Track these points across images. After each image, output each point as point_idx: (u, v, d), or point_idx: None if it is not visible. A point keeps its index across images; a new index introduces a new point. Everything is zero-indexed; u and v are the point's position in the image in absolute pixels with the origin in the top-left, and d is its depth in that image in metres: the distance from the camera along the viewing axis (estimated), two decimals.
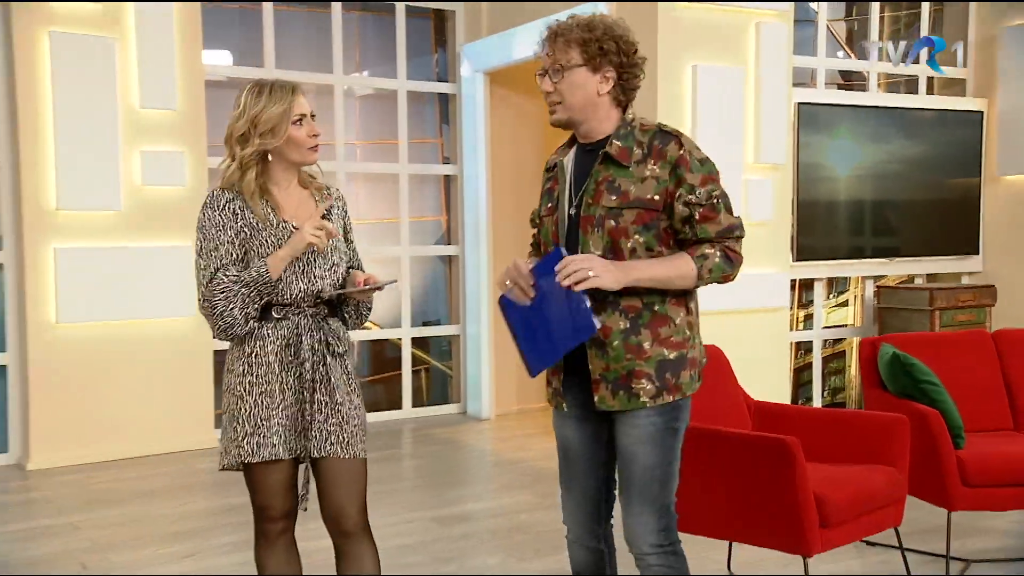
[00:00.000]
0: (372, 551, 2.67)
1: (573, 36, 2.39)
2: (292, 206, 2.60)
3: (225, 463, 2.57)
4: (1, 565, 3.94)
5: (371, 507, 4.54)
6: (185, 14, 5.83)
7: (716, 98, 5.59)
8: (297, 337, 2.55)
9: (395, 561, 3.88)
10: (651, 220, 2.38)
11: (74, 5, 5.51)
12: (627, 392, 2.40)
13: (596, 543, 2.67)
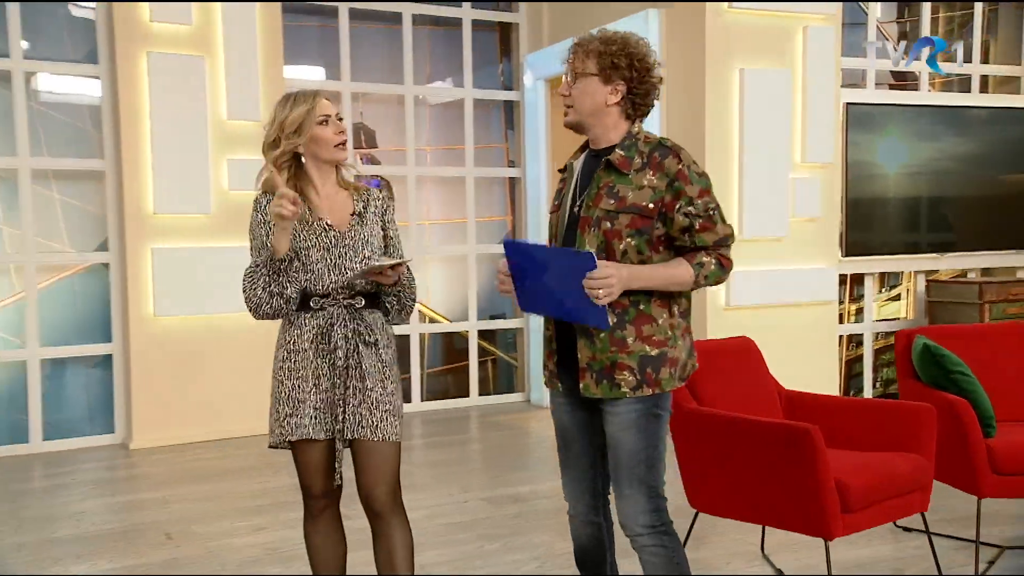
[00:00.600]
0: (403, 530, 2.69)
1: (592, 48, 2.49)
2: (328, 206, 2.65)
3: (271, 441, 2.65)
4: (97, 533, 4.16)
5: (431, 487, 4.74)
6: (267, 33, 6.00)
7: (763, 101, 5.55)
8: (330, 326, 2.59)
9: (443, 538, 3.99)
10: (644, 226, 2.45)
11: (169, 27, 5.73)
12: (610, 382, 2.47)
13: (596, 517, 2.75)
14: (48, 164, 5.84)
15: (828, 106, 5.80)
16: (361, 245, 2.64)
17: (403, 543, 2.68)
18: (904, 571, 3.61)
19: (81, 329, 5.98)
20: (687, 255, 2.48)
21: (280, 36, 6.07)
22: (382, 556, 2.67)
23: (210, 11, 5.83)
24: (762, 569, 3.63)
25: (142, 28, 5.69)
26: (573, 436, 2.67)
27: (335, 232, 2.62)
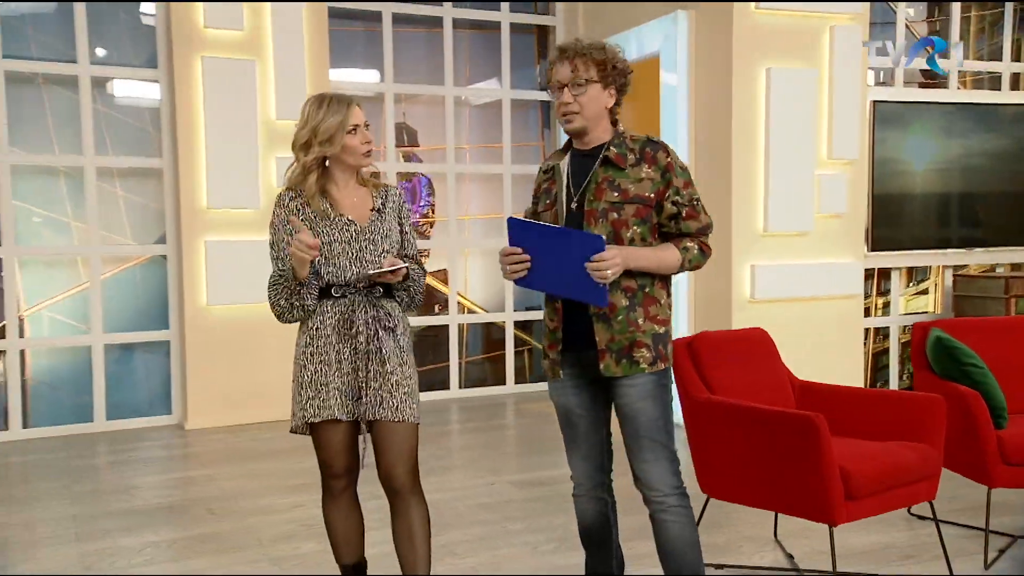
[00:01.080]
0: (421, 508, 2.70)
1: (593, 57, 2.56)
2: (349, 202, 2.70)
3: (292, 426, 2.69)
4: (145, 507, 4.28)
5: (462, 470, 4.78)
6: (314, 37, 6.07)
7: (789, 99, 5.47)
8: (351, 313, 2.63)
9: (470, 518, 4.03)
10: (646, 215, 2.58)
11: (222, 33, 5.84)
12: (629, 360, 2.56)
13: (602, 494, 2.80)
14: (112, 163, 5.99)
15: (854, 104, 5.70)
16: (380, 239, 2.69)
17: (421, 520, 2.70)
18: (915, 558, 3.55)
19: (141, 316, 6.13)
20: (673, 240, 2.61)
21: (326, 40, 6.15)
22: (402, 533, 2.69)
23: (260, 17, 5.93)
24: (774, 554, 3.61)
25: (197, 34, 5.81)
26: (578, 416, 2.71)
27: (356, 227, 2.66)
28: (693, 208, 2.60)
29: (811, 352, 5.60)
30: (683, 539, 2.63)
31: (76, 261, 5.97)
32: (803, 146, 5.53)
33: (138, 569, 3.46)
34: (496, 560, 3.50)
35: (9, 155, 5.73)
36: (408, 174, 6.90)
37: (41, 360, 5.95)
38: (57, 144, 5.91)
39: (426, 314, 6.88)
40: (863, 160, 5.83)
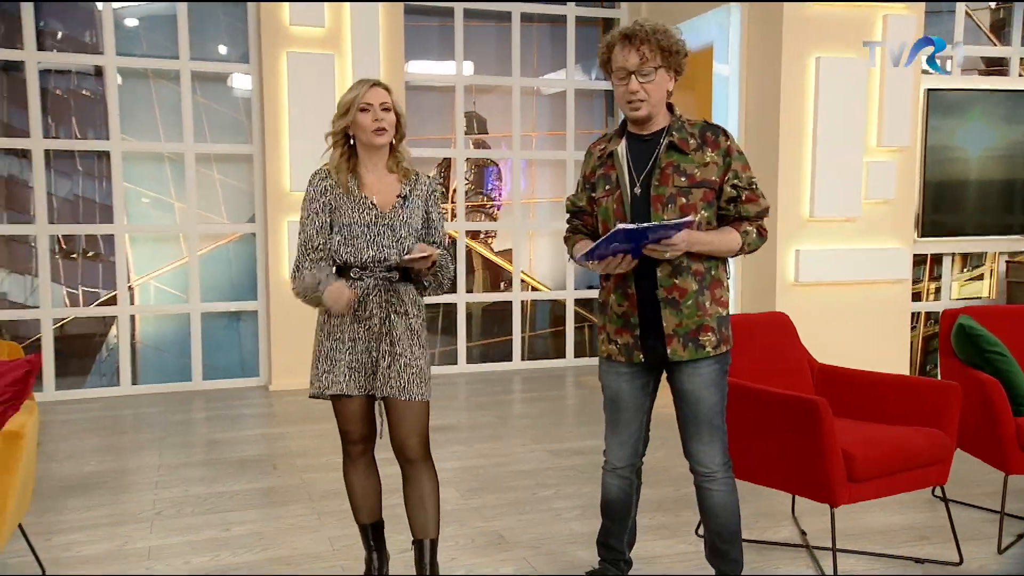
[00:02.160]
0: (431, 476, 2.69)
1: (658, 42, 2.42)
2: (375, 185, 2.64)
3: (311, 392, 2.70)
4: (220, 460, 4.43)
5: (507, 438, 4.81)
6: (389, 33, 6.11)
7: (838, 87, 5.24)
8: (366, 296, 2.59)
9: (504, 483, 4.03)
10: (712, 198, 2.49)
11: (305, 29, 5.93)
12: (695, 344, 2.50)
13: (630, 475, 2.76)
14: (209, 149, 6.17)
15: (906, 92, 5.41)
16: (400, 225, 2.62)
17: (431, 487, 2.70)
18: (929, 539, 3.39)
19: (234, 288, 6.31)
20: (733, 224, 2.51)
21: (401, 35, 6.18)
22: (413, 499, 2.69)
23: (340, 15, 6.00)
24: (789, 530, 3.50)
25: (283, 31, 5.92)
26: (627, 402, 2.65)
27: (377, 211, 2.61)
28: (752, 192, 2.50)
29: (856, 335, 5.39)
30: (725, 506, 2.62)
31: (178, 237, 6.20)
32: (851, 133, 5.29)
33: (198, 517, 3.59)
34: (519, 524, 3.49)
35: (121, 143, 5.99)
36: (477, 160, 6.90)
37: (148, 325, 6.22)
38: (163, 132, 6.13)
39: (492, 291, 6.91)
40: (914, 147, 5.54)
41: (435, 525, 2.70)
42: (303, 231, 2.66)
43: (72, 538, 3.37)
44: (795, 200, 5.26)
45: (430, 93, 6.68)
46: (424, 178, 2.76)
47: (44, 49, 5.86)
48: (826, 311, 5.35)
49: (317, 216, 2.63)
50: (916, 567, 3.16)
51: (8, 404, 2.62)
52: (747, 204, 2.50)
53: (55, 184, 5.97)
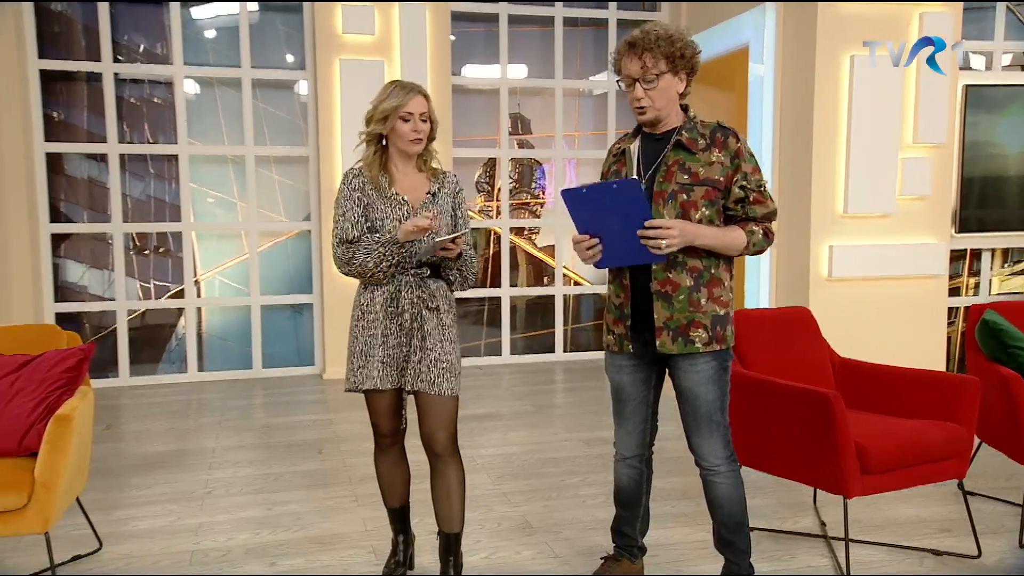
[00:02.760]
0: (458, 468, 2.68)
1: (661, 50, 2.39)
2: (406, 184, 2.64)
3: (346, 387, 2.68)
4: (270, 444, 4.52)
5: (542, 427, 4.81)
6: (437, 39, 6.13)
7: (873, 85, 5.07)
8: (398, 292, 2.58)
9: (533, 470, 4.03)
10: (715, 197, 2.45)
11: (357, 37, 6.00)
12: (684, 339, 2.45)
13: (639, 464, 2.74)
14: (268, 151, 6.30)
15: (943, 89, 5.22)
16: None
17: (458, 481, 2.68)
18: (950, 532, 3.30)
19: (291, 282, 6.43)
20: (739, 223, 2.47)
21: (448, 41, 6.20)
22: (440, 491, 2.68)
23: (390, 22, 6.06)
24: (809, 520, 3.44)
25: (336, 39, 6.01)
26: (629, 394, 2.64)
27: (409, 207, 2.60)
28: (760, 194, 2.46)
29: (891, 330, 5.25)
30: (729, 497, 2.58)
31: (240, 234, 6.35)
32: (886, 130, 5.13)
33: (245, 497, 3.69)
34: (544, 510, 3.51)
35: (188, 147, 6.16)
36: (521, 159, 6.90)
37: (213, 316, 6.39)
38: (226, 136, 6.28)
39: (535, 285, 6.91)
40: (951, 143, 5.35)
41: (460, 520, 2.69)
42: (338, 226, 2.63)
43: (130, 513, 3.50)
44: (828, 196, 5.13)
45: (476, 96, 6.70)
46: (450, 176, 2.75)
47: (120, 61, 6.05)
48: (860, 306, 5.22)
49: (352, 211, 2.60)
50: (934, 559, 3.07)
51: (63, 389, 2.73)
52: (755, 205, 2.46)
53: (129, 185, 6.17)
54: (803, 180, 5.17)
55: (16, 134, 5.71)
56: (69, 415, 2.54)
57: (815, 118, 5.10)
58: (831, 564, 3.02)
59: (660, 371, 2.64)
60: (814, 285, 5.16)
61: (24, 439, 2.64)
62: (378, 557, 3.01)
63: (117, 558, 3.05)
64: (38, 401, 2.67)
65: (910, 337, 5.29)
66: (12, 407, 2.68)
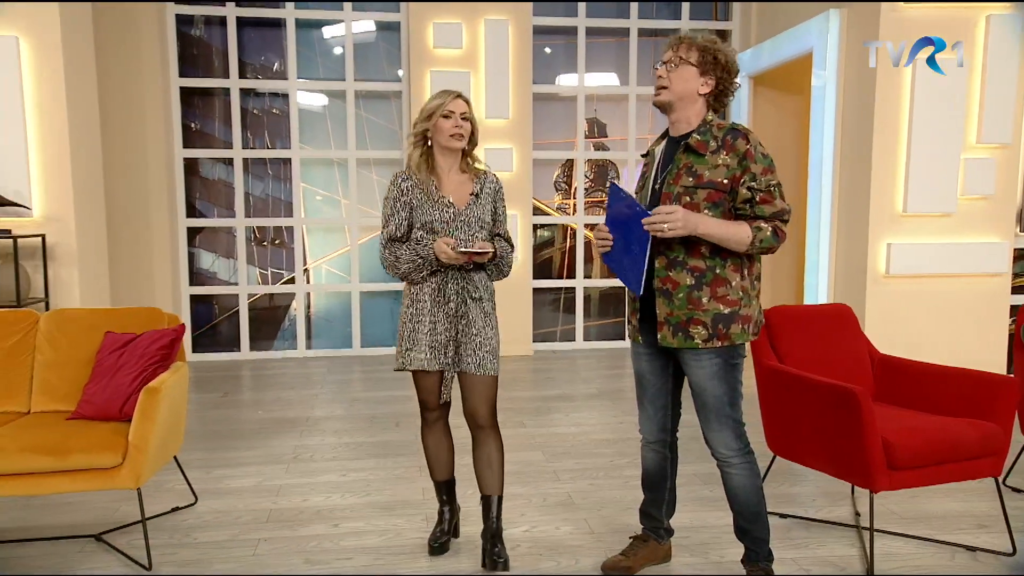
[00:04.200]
0: (497, 440, 2.68)
1: (697, 43, 2.31)
2: (451, 185, 2.62)
3: (395, 367, 2.71)
4: (352, 416, 4.61)
5: (599, 410, 4.71)
6: (518, 52, 6.09)
7: (935, 87, 4.71)
8: (444, 284, 2.59)
9: (585, 450, 3.96)
10: (719, 199, 2.31)
11: (446, 51, 6.03)
12: (684, 334, 2.34)
13: (663, 448, 2.65)
14: (368, 155, 6.42)
15: (1010, 90, 4.79)
16: (474, 221, 2.62)
17: (497, 450, 2.68)
18: (987, 528, 3.04)
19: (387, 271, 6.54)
20: (748, 220, 2.31)
21: (530, 53, 6.14)
22: (481, 460, 2.69)
23: (476, 37, 6.05)
24: (844, 509, 3.24)
25: (428, 52, 6.05)
26: (649, 381, 2.55)
27: (454, 209, 2.59)
28: (769, 193, 2.28)
29: (951, 327, 4.89)
30: (744, 487, 2.45)
31: (343, 228, 6.50)
32: (948, 131, 4.76)
33: (324, 463, 3.77)
34: (589, 488, 3.43)
35: (300, 151, 6.34)
36: (597, 160, 6.77)
37: (320, 300, 6.58)
38: (332, 141, 6.44)
39: (608, 277, 6.79)
40: (1017, 143, 4.90)
41: (500, 483, 2.69)
42: (386, 226, 2.64)
43: (225, 472, 3.64)
44: (888, 196, 4.81)
45: (555, 102, 6.62)
46: (492, 176, 2.71)
47: (245, 77, 6.29)
48: (918, 303, 4.88)
49: (398, 213, 2.61)
50: (966, 555, 2.83)
51: (158, 365, 2.85)
52: (761, 205, 2.29)
53: (251, 185, 6.42)
54: (862, 180, 4.86)
55: (159, 142, 6.02)
56: (158, 387, 2.65)
57: (875, 119, 4.78)
58: (860, 554, 2.83)
59: (678, 362, 2.53)
60: (871, 282, 4.85)
61: (124, 406, 2.77)
62: (429, 524, 3.02)
63: (207, 512, 3.17)
64: (136, 374, 2.80)
65: (971, 334, 4.91)
66: (116, 379, 2.82)
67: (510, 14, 6.05)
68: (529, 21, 6.12)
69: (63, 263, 4.63)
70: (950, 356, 4.72)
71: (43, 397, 3.05)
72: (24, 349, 3.10)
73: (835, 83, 5.06)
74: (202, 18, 6.21)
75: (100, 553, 2.81)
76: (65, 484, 2.60)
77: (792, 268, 6.18)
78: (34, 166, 4.58)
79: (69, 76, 4.63)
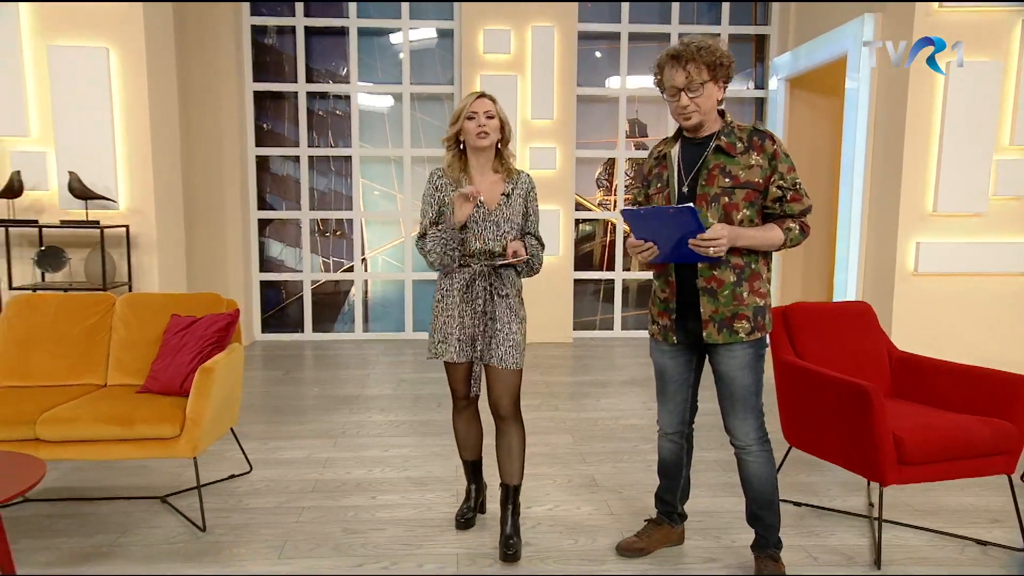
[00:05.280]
0: (519, 430, 2.63)
1: (703, 60, 2.23)
2: (483, 185, 2.55)
3: (427, 356, 2.66)
4: (398, 395, 4.65)
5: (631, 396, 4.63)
6: (563, 56, 6.03)
7: (969, 89, 4.48)
8: (473, 280, 2.54)
9: (613, 434, 3.91)
10: (755, 198, 2.28)
11: (495, 56, 6.01)
12: (729, 330, 2.31)
13: (680, 440, 2.59)
14: (422, 152, 6.45)
15: None
16: (503, 221, 2.54)
17: (519, 440, 2.63)
18: (1001, 523, 2.90)
19: None
20: (777, 221, 2.29)
21: (573, 59, 6.07)
22: (503, 448, 2.64)
23: (524, 43, 6.01)
24: (858, 499, 3.13)
25: (478, 58, 6.03)
26: (671, 377, 2.50)
27: (484, 209, 2.52)
28: (796, 192, 2.26)
29: (979, 324, 4.67)
30: (760, 475, 2.40)
31: (398, 221, 6.56)
32: (981, 133, 4.52)
33: (369, 439, 3.81)
34: (613, 471, 3.39)
35: (360, 149, 6.42)
36: (637, 159, 6.66)
37: (376, 287, 6.66)
38: (389, 140, 6.49)
39: (646, 270, 6.69)
40: None
41: (519, 473, 2.64)
42: (422, 220, 2.59)
43: (279, 444, 3.72)
44: (918, 196, 4.60)
45: (598, 103, 6.53)
46: (524, 176, 2.63)
47: (311, 81, 6.39)
48: (946, 300, 4.66)
49: (431, 209, 2.57)
50: (977, 549, 2.70)
51: (214, 346, 2.93)
52: (791, 203, 2.27)
53: (315, 180, 6.53)
54: (893, 180, 4.67)
55: (234, 141, 6.17)
56: (212, 368, 2.72)
57: (907, 121, 4.57)
58: (870, 545, 2.73)
59: (700, 357, 2.48)
60: (899, 279, 4.66)
61: (184, 383, 2.86)
62: (459, 500, 3.03)
63: (260, 480, 3.25)
64: (195, 354, 2.89)
65: (999, 333, 4.68)
66: (178, 357, 2.91)
67: (556, 21, 5.99)
68: (574, 27, 6.05)
69: (144, 251, 4.80)
70: (977, 354, 4.51)
71: (117, 372, 3.17)
72: (102, 328, 3.22)
73: (868, 85, 4.86)
74: (274, 28, 6.32)
75: (164, 513, 2.91)
76: (131, 451, 2.70)
77: (823, 265, 5.99)
78: (120, 164, 4.74)
79: (151, 83, 4.77)
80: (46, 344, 3.16)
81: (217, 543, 2.67)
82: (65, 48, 4.60)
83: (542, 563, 2.55)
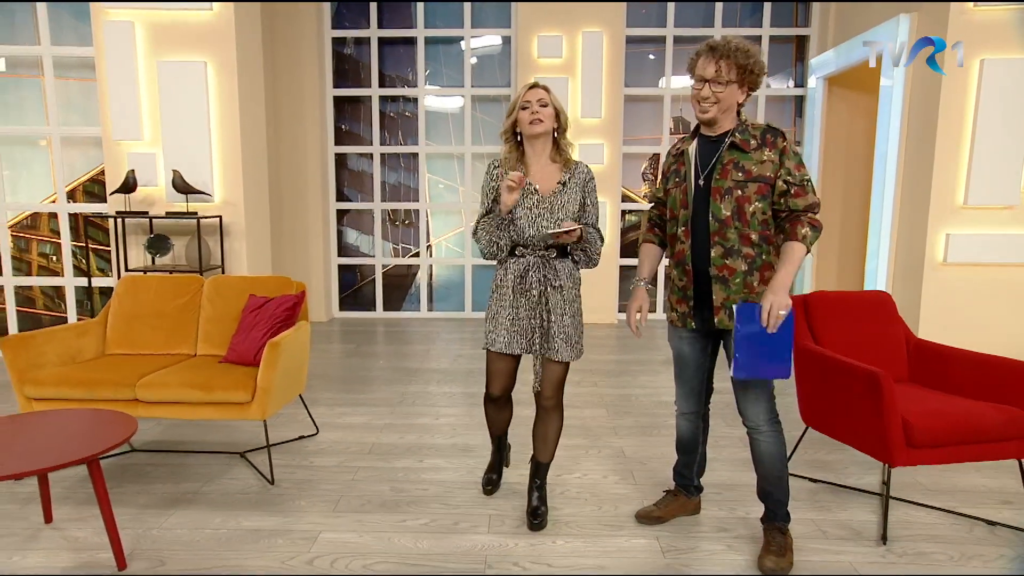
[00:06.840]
0: (558, 419, 2.54)
1: (736, 60, 2.15)
2: (539, 174, 2.42)
3: (484, 346, 2.55)
4: (451, 370, 4.69)
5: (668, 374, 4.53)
6: (611, 59, 5.91)
7: (1002, 86, 4.18)
8: (527, 271, 2.41)
9: (643, 410, 3.85)
10: (766, 192, 2.21)
11: (548, 60, 5.94)
12: None
13: (697, 419, 2.55)
14: (481, 149, 6.46)
15: None
16: (558, 208, 2.37)
17: (556, 428, 2.55)
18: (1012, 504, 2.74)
19: None
20: (791, 232, 2.18)
21: (622, 61, 5.95)
22: (539, 432, 2.56)
23: (575, 47, 5.92)
24: (873, 478, 3.00)
25: (533, 62, 5.98)
26: (688, 361, 2.45)
27: (538, 196, 2.38)
28: (802, 187, 2.17)
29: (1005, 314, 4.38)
30: (771, 454, 2.34)
31: (460, 211, 6.61)
32: (1014, 127, 4.22)
33: (422, 407, 3.87)
34: (640, 444, 3.35)
35: (426, 147, 6.48)
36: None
37: (440, 271, 6.74)
38: (452, 138, 6.53)
39: None
40: None
41: (551, 454, 2.58)
42: (480, 208, 2.48)
43: (345, 410, 3.83)
44: (949, 189, 4.33)
45: (644, 103, 6.39)
46: (581, 167, 2.44)
47: (384, 86, 6.48)
48: (975, 290, 4.39)
49: (487, 198, 2.45)
50: (985, 528, 2.56)
51: (282, 323, 3.04)
52: (796, 198, 2.18)
53: (386, 175, 6.64)
54: (925, 174, 4.41)
55: (316, 141, 6.33)
56: (278, 343, 2.82)
57: (940, 118, 4.30)
58: (878, 521, 2.62)
59: (715, 342, 2.42)
60: (928, 269, 4.41)
61: (256, 355, 2.98)
62: None
63: (324, 441, 3.37)
64: (267, 330, 3.00)
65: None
66: (252, 333, 3.04)
67: (605, 26, 5.88)
68: (622, 32, 5.92)
69: (235, 238, 5.00)
70: (1004, 342, 4.24)
71: (205, 344, 3.33)
72: (193, 306, 3.39)
73: (903, 83, 4.59)
74: (352, 39, 6.43)
75: (241, 467, 3.06)
76: (210, 413, 2.84)
77: (857, 254, 5.72)
78: (215, 162, 4.94)
79: (242, 91, 4.94)
80: (147, 318, 3.35)
81: (282, 495, 2.78)
82: (171, 63, 4.81)
83: (566, 526, 2.56)
